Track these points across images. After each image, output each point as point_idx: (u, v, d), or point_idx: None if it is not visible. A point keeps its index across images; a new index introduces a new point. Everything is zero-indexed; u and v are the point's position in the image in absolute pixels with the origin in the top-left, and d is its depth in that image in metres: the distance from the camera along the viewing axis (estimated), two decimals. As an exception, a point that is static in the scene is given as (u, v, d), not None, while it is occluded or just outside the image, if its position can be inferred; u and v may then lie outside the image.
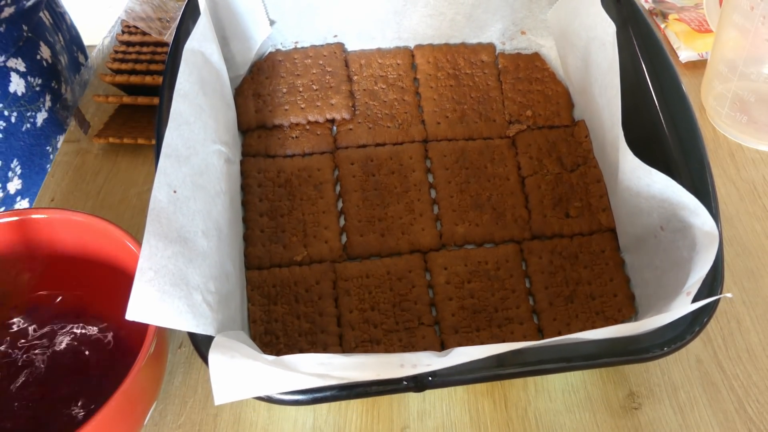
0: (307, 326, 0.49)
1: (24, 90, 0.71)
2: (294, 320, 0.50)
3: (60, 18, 0.82)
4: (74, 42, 0.85)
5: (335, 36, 0.64)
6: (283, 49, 0.64)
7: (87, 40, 0.89)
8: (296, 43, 0.64)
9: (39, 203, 0.62)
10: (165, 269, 0.39)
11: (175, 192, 0.43)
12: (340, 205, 0.56)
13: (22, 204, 0.74)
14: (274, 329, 0.49)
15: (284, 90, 0.61)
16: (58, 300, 0.50)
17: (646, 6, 0.79)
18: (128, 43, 0.67)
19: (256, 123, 0.59)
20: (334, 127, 0.60)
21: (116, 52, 0.67)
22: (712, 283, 0.43)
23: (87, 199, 0.61)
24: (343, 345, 0.49)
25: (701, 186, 0.47)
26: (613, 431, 0.47)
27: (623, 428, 0.48)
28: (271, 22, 0.61)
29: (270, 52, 0.63)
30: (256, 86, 0.61)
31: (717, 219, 0.44)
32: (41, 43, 0.74)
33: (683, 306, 0.39)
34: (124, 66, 0.65)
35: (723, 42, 0.63)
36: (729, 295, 0.41)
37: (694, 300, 0.39)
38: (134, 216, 0.60)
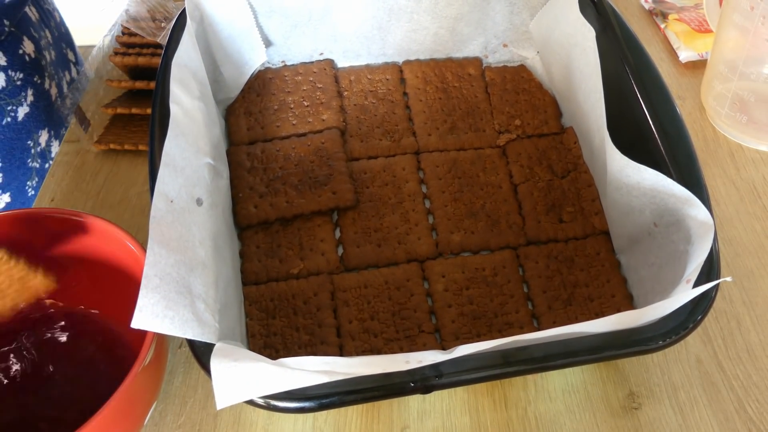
0: (306, 338, 0.50)
1: (4, 84, 0.71)
2: (293, 333, 0.51)
3: (48, 15, 0.83)
4: (63, 39, 0.86)
5: (321, 54, 0.66)
6: (273, 67, 0.65)
7: (84, 41, 0.89)
8: (283, 62, 0.66)
9: (39, 203, 0.63)
10: (169, 277, 0.40)
11: (172, 201, 0.43)
12: (335, 217, 0.57)
13: (3, 198, 0.74)
14: (274, 343, 0.50)
15: (275, 107, 0.63)
16: (58, 299, 0.50)
17: (646, 6, 0.79)
18: (128, 44, 0.68)
19: (248, 140, 0.61)
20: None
21: (116, 53, 0.67)
22: (709, 272, 0.44)
23: (87, 199, 0.62)
24: (344, 355, 0.49)
25: (691, 178, 0.48)
26: (613, 431, 0.48)
27: (623, 428, 0.48)
28: (267, 44, 0.62)
29: (259, 71, 0.65)
30: (248, 104, 0.63)
31: (709, 208, 0.44)
32: (25, 38, 0.75)
33: (684, 293, 0.39)
34: (126, 60, 0.65)
35: (723, 42, 0.64)
36: (729, 278, 0.42)
37: (694, 288, 0.39)
38: (134, 216, 0.60)
